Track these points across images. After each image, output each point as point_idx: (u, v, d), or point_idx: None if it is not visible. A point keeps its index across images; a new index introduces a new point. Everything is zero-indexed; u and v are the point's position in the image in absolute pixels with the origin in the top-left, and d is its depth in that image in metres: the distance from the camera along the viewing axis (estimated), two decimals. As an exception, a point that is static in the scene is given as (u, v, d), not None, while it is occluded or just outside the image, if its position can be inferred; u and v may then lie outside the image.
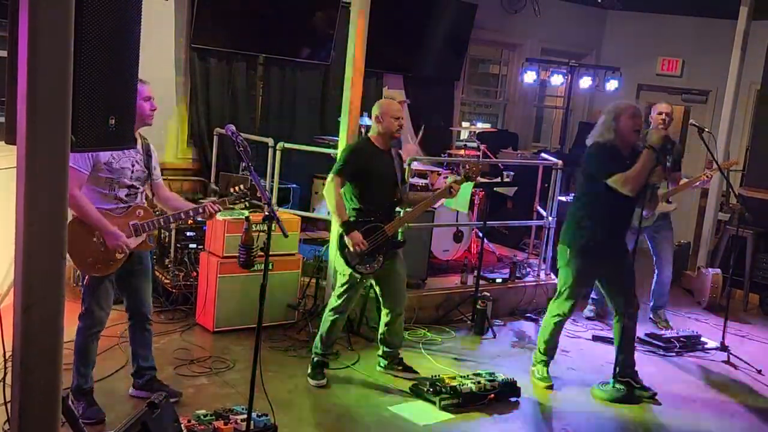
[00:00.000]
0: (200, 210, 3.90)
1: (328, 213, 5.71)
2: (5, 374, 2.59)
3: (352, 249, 4.40)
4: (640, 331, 6.04)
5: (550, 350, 4.96)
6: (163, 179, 4.21)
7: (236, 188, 3.93)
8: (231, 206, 3.96)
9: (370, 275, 4.56)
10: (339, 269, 4.59)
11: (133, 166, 3.79)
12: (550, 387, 4.87)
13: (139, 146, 3.83)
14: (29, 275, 1.89)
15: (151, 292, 4.10)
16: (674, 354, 5.76)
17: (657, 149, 4.43)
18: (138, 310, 4.05)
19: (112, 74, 2.17)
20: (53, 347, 1.96)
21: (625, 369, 4.86)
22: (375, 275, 4.59)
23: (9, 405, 2.04)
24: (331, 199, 4.44)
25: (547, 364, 4.97)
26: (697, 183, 6.20)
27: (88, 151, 3.05)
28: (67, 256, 3.52)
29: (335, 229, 4.69)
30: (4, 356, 2.34)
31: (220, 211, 3.95)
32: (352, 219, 4.47)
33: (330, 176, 4.47)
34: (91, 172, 3.64)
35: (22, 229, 1.88)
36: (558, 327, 4.89)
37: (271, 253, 3.45)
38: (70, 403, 3.72)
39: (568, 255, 4.73)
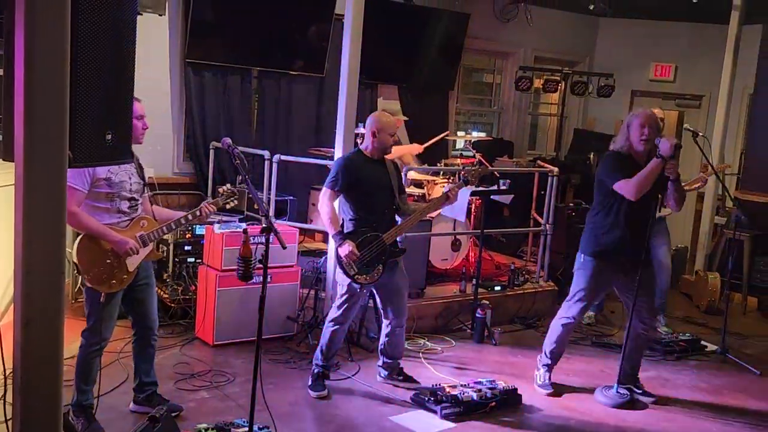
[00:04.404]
0: (198, 213, 4.00)
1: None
2: (5, 392, 2.60)
3: (345, 260, 4.43)
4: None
5: (556, 355, 4.95)
6: (161, 194, 4.25)
7: (224, 188, 4.10)
8: (224, 204, 4.10)
9: (369, 285, 4.56)
10: (339, 280, 4.60)
11: (130, 178, 3.82)
12: (551, 394, 4.88)
13: None
14: (29, 290, 1.90)
15: (156, 306, 4.10)
16: (674, 358, 5.76)
17: (666, 158, 4.40)
18: (144, 324, 4.05)
19: (108, 90, 2.18)
20: (54, 362, 1.96)
21: (628, 376, 4.87)
22: (375, 285, 4.60)
23: (10, 422, 2.04)
24: (324, 211, 4.49)
25: (550, 369, 4.97)
26: (693, 187, 6.23)
27: (86, 166, 3.06)
28: (84, 275, 3.61)
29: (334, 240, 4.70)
30: (5, 374, 2.34)
31: (214, 211, 4.06)
32: (350, 229, 4.50)
33: (323, 189, 4.53)
34: (90, 188, 3.67)
35: (21, 245, 1.89)
36: (565, 330, 4.89)
37: (269, 265, 3.46)
38: (69, 418, 3.74)
39: (582, 260, 4.75)
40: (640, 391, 4.87)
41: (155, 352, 4.17)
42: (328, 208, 4.46)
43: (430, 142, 6.99)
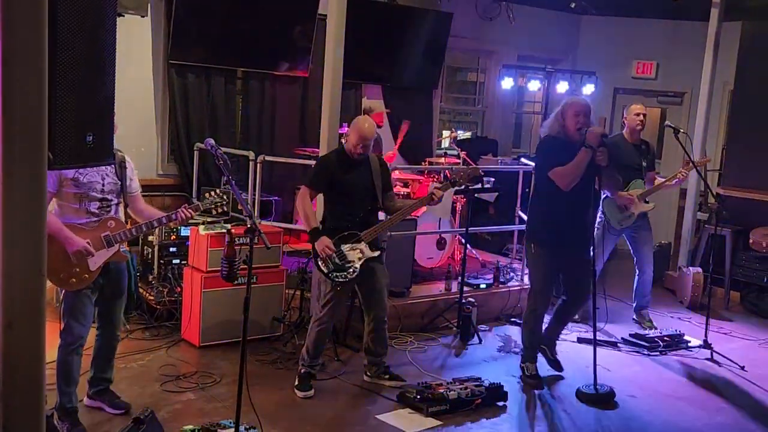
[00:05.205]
0: (173, 216, 3.92)
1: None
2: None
3: (321, 254, 4.44)
4: (625, 331, 6.12)
5: (535, 344, 5.06)
6: (145, 196, 4.20)
7: (211, 194, 4.02)
8: (205, 210, 4.00)
9: (348, 283, 4.57)
10: (321, 279, 4.61)
11: (103, 179, 3.77)
12: (541, 384, 4.94)
13: None
14: (10, 292, 1.89)
15: (123, 307, 4.09)
16: (658, 353, 5.81)
17: (594, 148, 4.56)
18: (107, 323, 4.05)
19: (88, 91, 2.18)
20: (36, 364, 1.95)
21: (546, 340, 5.10)
22: (356, 283, 4.61)
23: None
24: (301, 208, 4.53)
25: (534, 359, 5.06)
26: (674, 182, 6.28)
27: (67, 168, 3.05)
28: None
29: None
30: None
31: (192, 216, 3.98)
32: (327, 226, 4.52)
33: (302, 187, 4.57)
34: (58, 188, 3.63)
35: (1, 248, 1.89)
36: (537, 321, 5.00)
37: (254, 266, 3.46)
38: (54, 422, 3.72)
39: (533, 249, 4.84)
40: (552, 359, 5.13)
41: (115, 350, 4.16)
42: (305, 205, 4.51)
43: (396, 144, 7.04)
